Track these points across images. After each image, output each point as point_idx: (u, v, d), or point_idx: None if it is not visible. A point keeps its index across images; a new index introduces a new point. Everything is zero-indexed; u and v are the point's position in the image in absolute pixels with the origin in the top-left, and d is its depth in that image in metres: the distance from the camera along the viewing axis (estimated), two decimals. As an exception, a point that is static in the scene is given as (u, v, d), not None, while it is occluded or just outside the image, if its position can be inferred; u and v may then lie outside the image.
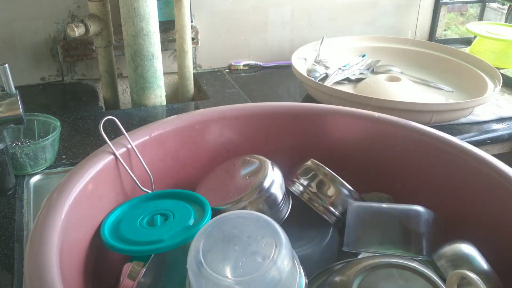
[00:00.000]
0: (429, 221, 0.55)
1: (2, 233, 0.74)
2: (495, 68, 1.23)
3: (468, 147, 0.61)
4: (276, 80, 1.42)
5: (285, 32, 1.51)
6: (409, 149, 0.67)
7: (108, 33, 1.19)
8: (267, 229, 0.47)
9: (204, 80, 1.40)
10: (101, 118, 1.12)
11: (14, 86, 0.75)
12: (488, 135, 1.09)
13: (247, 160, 0.64)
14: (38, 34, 1.25)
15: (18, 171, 0.87)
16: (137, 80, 1.13)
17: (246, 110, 0.71)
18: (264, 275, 0.43)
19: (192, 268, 0.45)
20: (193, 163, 0.69)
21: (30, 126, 0.93)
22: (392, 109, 1.03)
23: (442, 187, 0.64)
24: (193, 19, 1.38)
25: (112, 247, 0.53)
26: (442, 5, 1.64)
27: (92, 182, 0.54)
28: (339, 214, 0.61)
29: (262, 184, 0.58)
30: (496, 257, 0.53)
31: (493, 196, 0.57)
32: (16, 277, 0.66)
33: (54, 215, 0.48)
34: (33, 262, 0.43)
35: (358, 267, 0.50)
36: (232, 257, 0.45)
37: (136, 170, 0.61)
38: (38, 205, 0.83)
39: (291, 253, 0.47)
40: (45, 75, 1.31)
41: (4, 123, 0.75)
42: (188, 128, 0.67)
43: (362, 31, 1.59)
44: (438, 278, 0.49)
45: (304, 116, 0.72)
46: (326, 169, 0.63)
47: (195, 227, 0.54)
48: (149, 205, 0.60)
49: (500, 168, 0.57)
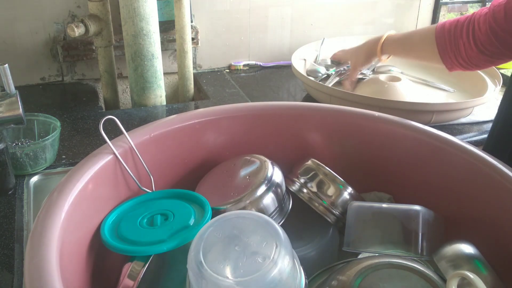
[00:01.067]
0: (429, 221, 0.55)
1: (2, 233, 0.74)
2: (495, 68, 1.23)
3: (468, 147, 0.61)
4: (276, 80, 1.42)
5: (285, 32, 1.51)
6: (409, 149, 0.67)
7: (108, 33, 1.19)
8: (267, 229, 0.47)
9: (204, 80, 1.40)
10: (101, 118, 1.12)
11: (14, 86, 0.75)
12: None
13: (247, 160, 0.64)
14: (38, 34, 1.25)
15: (18, 171, 0.87)
16: (137, 80, 1.13)
17: (246, 110, 0.71)
18: (265, 276, 0.43)
19: (192, 269, 0.45)
20: (193, 163, 0.69)
21: (30, 126, 0.93)
22: (392, 109, 1.03)
23: (442, 187, 0.64)
24: (193, 19, 1.38)
25: (112, 247, 0.53)
26: (442, 5, 1.64)
27: (92, 181, 0.54)
28: (339, 214, 0.61)
29: (262, 184, 0.58)
30: (496, 257, 0.53)
31: (493, 196, 0.57)
32: (16, 277, 0.66)
33: (54, 215, 0.48)
34: (33, 262, 0.43)
35: (358, 267, 0.50)
36: (233, 258, 0.45)
37: (136, 170, 0.61)
38: (38, 205, 0.83)
39: (291, 253, 0.47)
40: (45, 75, 1.31)
41: (4, 123, 0.75)
42: (188, 127, 0.67)
43: (362, 31, 1.59)
44: (438, 278, 0.49)
45: (304, 116, 0.72)
46: (327, 168, 0.63)
47: (195, 227, 0.54)
48: (149, 205, 0.60)
49: (500, 168, 0.57)
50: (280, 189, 0.60)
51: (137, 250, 0.52)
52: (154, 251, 0.52)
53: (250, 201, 0.57)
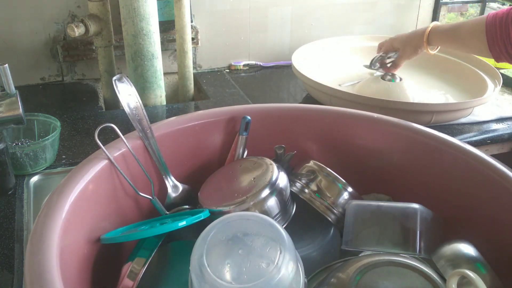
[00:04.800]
0: (427, 219, 0.55)
1: (2, 233, 0.74)
2: (495, 68, 1.23)
3: (468, 147, 0.61)
4: (276, 80, 1.42)
5: (285, 32, 1.51)
6: (409, 150, 0.67)
7: (108, 33, 1.19)
8: (271, 232, 0.47)
9: (204, 80, 1.40)
10: (101, 118, 1.12)
11: (14, 86, 0.75)
12: (488, 135, 1.09)
13: (253, 162, 0.63)
14: (38, 34, 1.25)
15: (18, 171, 0.87)
16: (137, 80, 1.13)
17: (247, 112, 0.71)
18: (269, 282, 0.43)
19: (195, 271, 0.45)
20: (194, 165, 0.69)
21: (30, 126, 0.93)
22: (392, 109, 1.03)
23: (441, 187, 0.64)
24: (193, 19, 1.38)
25: (118, 238, 0.53)
26: (442, 5, 1.64)
27: (92, 182, 0.54)
28: (340, 214, 0.61)
29: (267, 187, 0.57)
30: (496, 257, 0.53)
31: (493, 196, 0.57)
32: (16, 277, 0.66)
33: (54, 215, 0.48)
34: (33, 262, 0.43)
35: (357, 265, 0.50)
36: (236, 262, 0.45)
37: (136, 174, 0.61)
38: (38, 205, 0.83)
39: (295, 258, 0.47)
40: (45, 75, 1.31)
41: (4, 123, 0.75)
42: (188, 129, 0.67)
43: (362, 31, 1.59)
44: (437, 276, 0.49)
45: (306, 117, 0.72)
46: (328, 169, 0.63)
47: (197, 214, 0.54)
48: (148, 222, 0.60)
49: (499, 168, 0.57)
50: (284, 193, 0.60)
51: (148, 232, 0.52)
52: (167, 229, 0.51)
53: (254, 202, 0.57)
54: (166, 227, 0.52)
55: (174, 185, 0.65)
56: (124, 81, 0.64)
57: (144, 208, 0.64)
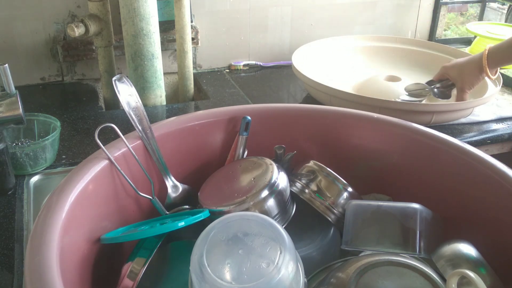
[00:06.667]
0: (427, 219, 0.55)
1: (2, 233, 0.74)
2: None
3: (468, 147, 0.61)
4: (276, 80, 1.42)
5: (285, 32, 1.51)
6: (409, 150, 0.67)
7: (108, 33, 1.19)
8: (271, 232, 0.47)
9: (204, 80, 1.40)
10: (101, 117, 1.12)
11: (14, 86, 0.75)
12: (488, 135, 1.09)
13: (253, 162, 0.64)
14: (38, 34, 1.25)
15: (18, 171, 0.87)
16: (137, 80, 1.13)
17: (247, 112, 0.71)
18: (269, 282, 0.43)
19: (195, 271, 0.45)
20: (194, 165, 0.69)
21: (30, 126, 0.93)
22: (392, 109, 1.03)
23: (441, 187, 0.64)
24: (193, 19, 1.38)
25: (118, 238, 0.53)
26: (442, 5, 1.64)
27: (92, 182, 0.54)
28: (340, 214, 0.61)
29: (267, 187, 0.58)
30: (496, 257, 0.53)
31: (493, 196, 0.57)
32: (16, 277, 0.66)
33: (54, 215, 0.48)
34: (33, 262, 0.43)
35: (357, 264, 0.50)
36: (236, 262, 0.45)
37: (136, 174, 0.61)
38: (38, 205, 0.83)
39: (295, 258, 0.47)
40: (45, 75, 1.31)
41: (4, 123, 0.75)
42: (188, 129, 0.67)
43: (362, 31, 1.59)
44: (437, 275, 0.49)
45: (306, 117, 0.72)
46: (328, 169, 0.63)
47: (197, 214, 0.54)
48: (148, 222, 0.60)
49: (500, 168, 0.57)
50: (284, 193, 0.60)
51: (148, 231, 0.52)
52: (167, 229, 0.51)
53: (254, 202, 0.57)
54: (166, 227, 0.52)
55: (174, 185, 0.65)
56: (124, 81, 0.64)
57: (144, 208, 0.64)
